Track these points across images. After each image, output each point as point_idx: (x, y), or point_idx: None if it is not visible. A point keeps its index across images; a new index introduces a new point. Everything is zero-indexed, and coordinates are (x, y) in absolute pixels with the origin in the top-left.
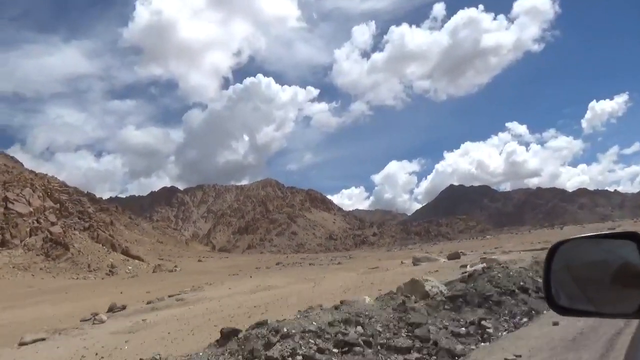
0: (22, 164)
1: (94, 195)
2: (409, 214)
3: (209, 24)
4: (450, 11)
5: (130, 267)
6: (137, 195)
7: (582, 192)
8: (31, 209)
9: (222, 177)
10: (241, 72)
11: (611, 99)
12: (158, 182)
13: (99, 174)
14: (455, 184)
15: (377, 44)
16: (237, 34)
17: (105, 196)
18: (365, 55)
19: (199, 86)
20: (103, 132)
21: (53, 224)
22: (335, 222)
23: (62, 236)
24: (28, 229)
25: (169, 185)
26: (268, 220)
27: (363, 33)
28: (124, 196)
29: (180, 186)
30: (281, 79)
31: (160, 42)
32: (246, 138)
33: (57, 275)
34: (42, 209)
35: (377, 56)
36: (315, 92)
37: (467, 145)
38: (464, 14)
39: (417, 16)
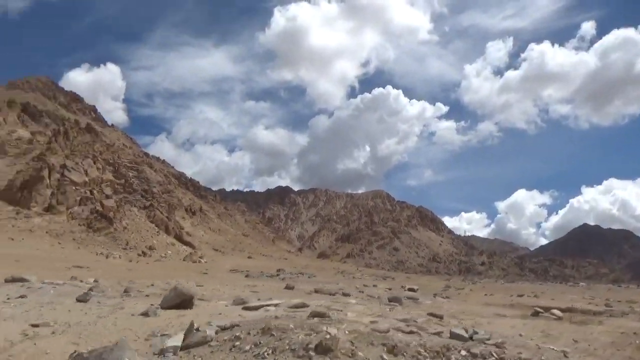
0: (137, 144)
1: (197, 182)
2: (531, 249)
3: (340, 33)
4: (602, 31)
5: (169, 252)
6: (256, 191)
7: None
8: (86, 179)
9: (340, 183)
10: (367, 82)
11: None
12: (279, 182)
13: (229, 168)
14: (591, 223)
15: (513, 62)
16: (366, 44)
17: (229, 188)
18: (499, 72)
19: (326, 93)
20: (237, 130)
21: (108, 197)
22: (441, 244)
23: (113, 210)
24: (78, 198)
25: (285, 185)
26: (371, 232)
27: (499, 49)
28: (245, 190)
29: (298, 188)
30: (407, 93)
31: (292, 48)
32: (367, 148)
33: (84, 247)
34: (99, 181)
35: (511, 74)
36: (444, 108)
37: (611, 182)
38: (617, 34)
39: (561, 35)
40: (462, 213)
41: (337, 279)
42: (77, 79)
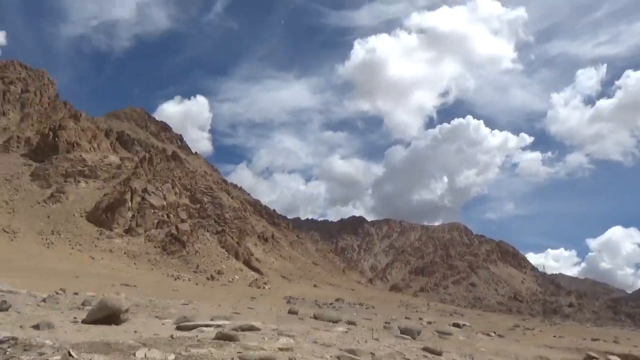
0: (218, 171)
1: (270, 208)
2: (629, 292)
3: (419, 63)
4: None
5: (237, 277)
6: (329, 220)
7: None
8: (164, 203)
9: (415, 215)
10: (446, 112)
11: None
12: (353, 211)
13: (305, 196)
14: None
15: (606, 90)
16: (445, 74)
17: (304, 217)
18: (590, 101)
19: (402, 123)
20: (314, 160)
21: (183, 220)
22: (524, 281)
23: (187, 234)
24: (156, 221)
25: (359, 215)
26: (447, 266)
27: (590, 77)
28: (319, 219)
29: (372, 218)
30: (489, 123)
31: (370, 79)
32: (445, 179)
33: (157, 268)
34: (176, 205)
35: (603, 103)
36: (529, 139)
37: None
38: None
39: None
40: (549, 250)
41: (398, 312)
42: (169, 110)
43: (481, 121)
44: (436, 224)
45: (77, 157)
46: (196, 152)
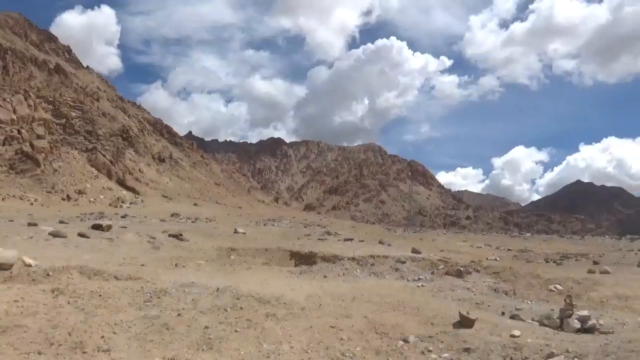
0: (114, 88)
1: (171, 128)
2: (523, 205)
3: None
4: None
5: (102, 197)
6: (248, 142)
7: None
8: (14, 117)
9: (336, 137)
10: (369, 32)
11: None
12: (274, 133)
13: (226, 118)
14: (585, 180)
15: (520, 14)
16: None
17: (227, 139)
18: (504, 25)
19: (325, 43)
20: (235, 80)
21: (39, 137)
22: (429, 198)
23: (45, 151)
24: (2, 137)
25: (278, 137)
26: (359, 185)
27: (507, 0)
28: (237, 141)
29: (294, 140)
30: (412, 45)
31: None
32: (366, 101)
33: None
34: (29, 120)
35: (517, 27)
36: (448, 62)
37: (610, 141)
38: None
39: None
40: (458, 168)
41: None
42: (70, 21)
43: (404, 43)
44: (355, 145)
45: None
46: (88, 66)
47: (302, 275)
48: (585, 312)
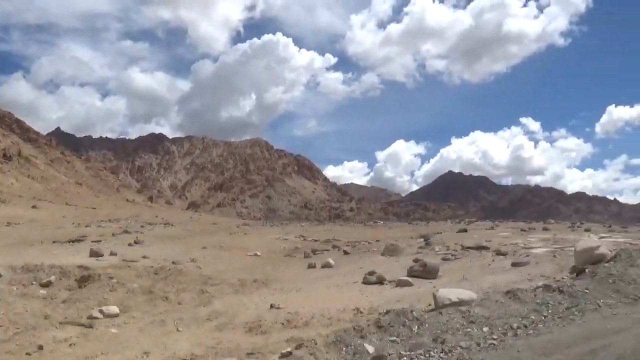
0: None
1: (24, 122)
2: (403, 195)
3: None
4: None
5: None
6: (126, 138)
7: (580, 196)
8: None
9: (223, 132)
10: (253, 27)
11: (631, 106)
12: (157, 129)
13: (102, 113)
14: (456, 171)
15: (396, 15)
16: None
17: (102, 135)
18: (382, 25)
19: (208, 36)
20: (111, 72)
21: None
22: (315, 191)
23: None
24: None
25: (159, 133)
26: (245, 180)
27: (383, 2)
28: (114, 137)
29: (179, 135)
30: (297, 42)
31: None
32: (253, 96)
33: None
34: None
35: (393, 28)
36: (333, 60)
37: (476, 134)
38: None
39: None
40: (345, 162)
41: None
42: None
43: (290, 39)
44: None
45: None
46: None
47: None
48: None
